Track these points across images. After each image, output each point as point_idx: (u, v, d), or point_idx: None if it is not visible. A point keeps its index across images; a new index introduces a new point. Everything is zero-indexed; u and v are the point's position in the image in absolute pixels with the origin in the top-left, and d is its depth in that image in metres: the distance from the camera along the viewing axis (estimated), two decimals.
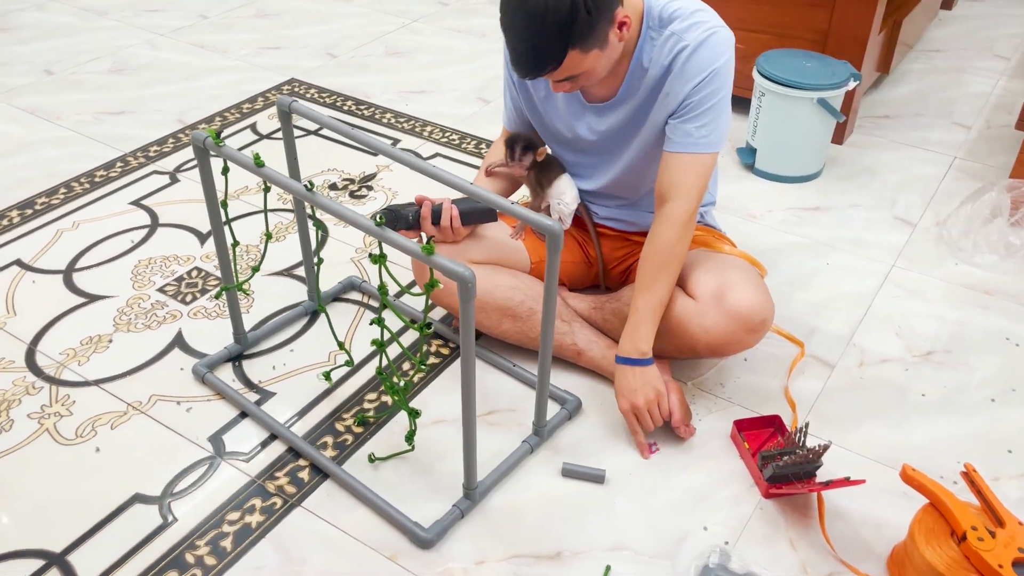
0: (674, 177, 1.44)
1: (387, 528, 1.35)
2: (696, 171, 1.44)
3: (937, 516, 1.23)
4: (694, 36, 1.38)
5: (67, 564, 1.30)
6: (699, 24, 1.39)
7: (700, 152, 1.42)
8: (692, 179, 1.43)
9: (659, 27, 1.40)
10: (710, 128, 1.42)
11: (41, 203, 2.10)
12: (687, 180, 1.43)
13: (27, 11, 3.14)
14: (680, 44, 1.38)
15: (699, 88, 1.39)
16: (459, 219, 1.52)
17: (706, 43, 1.38)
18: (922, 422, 1.54)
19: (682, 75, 1.39)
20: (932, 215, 2.09)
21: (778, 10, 2.29)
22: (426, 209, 1.51)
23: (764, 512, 1.39)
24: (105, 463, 1.45)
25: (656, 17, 1.40)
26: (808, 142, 2.17)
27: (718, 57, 1.39)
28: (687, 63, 1.38)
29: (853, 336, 1.73)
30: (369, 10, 3.20)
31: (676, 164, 1.43)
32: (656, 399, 1.44)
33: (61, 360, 1.65)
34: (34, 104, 2.53)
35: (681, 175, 1.43)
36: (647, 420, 1.44)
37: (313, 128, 2.43)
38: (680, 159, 1.43)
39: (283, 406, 1.56)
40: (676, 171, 1.44)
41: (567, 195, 1.57)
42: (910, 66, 2.81)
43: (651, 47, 1.41)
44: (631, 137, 1.51)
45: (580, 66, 1.32)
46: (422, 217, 1.52)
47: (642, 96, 1.45)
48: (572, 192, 1.58)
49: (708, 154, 1.43)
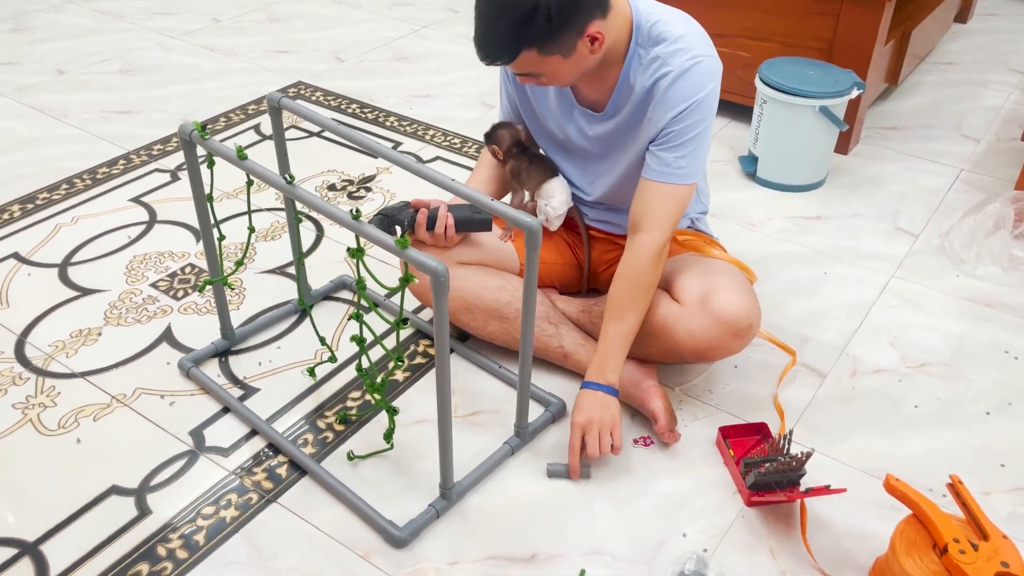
0: (648, 205, 1.42)
1: (362, 526, 1.34)
2: (671, 202, 1.42)
3: (919, 528, 1.20)
4: (678, 63, 1.35)
5: (39, 553, 1.29)
6: (684, 50, 1.35)
7: (677, 183, 1.40)
8: (666, 210, 1.42)
9: (647, 45, 1.38)
10: (689, 160, 1.40)
11: (42, 198, 2.12)
12: (661, 211, 1.41)
13: (45, 12, 3.18)
14: (663, 69, 1.36)
15: (679, 118, 1.37)
16: (453, 227, 1.52)
17: (689, 72, 1.35)
18: (914, 434, 1.51)
19: (663, 103, 1.37)
20: (935, 227, 2.06)
21: (783, 18, 2.27)
22: (422, 216, 1.50)
23: (746, 520, 1.36)
24: (85, 454, 1.45)
25: (645, 34, 1.38)
26: (810, 151, 2.14)
27: (700, 88, 1.36)
28: (668, 91, 1.36)
29: (847, 346, 1.70)
30: (380, 16, 3.21)
31: (652, 192, 1.41)
32: (610, 427, 1.40)
33: (49, 352, 1.66)
34: (43, 102, 2.56)
35: (656, 204, 1.41)
36: (594, 442, 1.39)
37: (316, 130, 2.43)
38: (656, 188, 1.41)
39: (266, 402, 1.56)
40: (651, 200, 1.42)
41: (556, 198, 1.56)
42: (921, 78, 2.78)
43: (638, 65, 1.39)
44: (618, 151, 1.49)
45: (538, 66, 1.31)
46: (417, 223, 1.51)
47: (628, 114, 1.43)
48: (562, 196, 1.56)
49: (684, 185, 1.41)
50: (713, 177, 2.21)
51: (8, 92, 2.61)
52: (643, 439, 1.49)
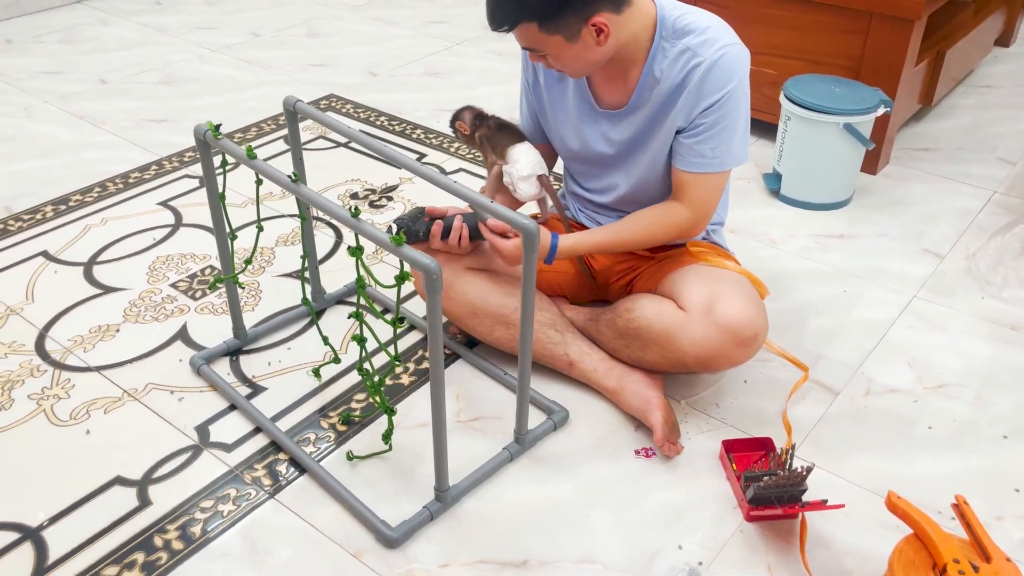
0: (687, 190, 1.46)
1: (356, 525, 1.34)
2: (708, 188, 1.46)
3: (919, 547, 1.17)
4: (709, 53, 1.37)
5: (40, 539, 1.32)
6: (713, 40, 1.37)
7: (712, 172, 1.43)
8: (704, 194, 1.46)
9: (672, 38, 1.39)
10: (723, 149, 1.42)
11: (75, 200, 2.18)
12: (699, 195, 1.46)
13: (92, 26, 3.29)
14: (694, 60, 1.37)
15: (712, 110, 1.39)
16: (468, 237, 1.52)
17: (720, 62, 1.36)
18: (925, 455, 1.47)
19: (697, 94, 1.38)
20: (963, 248, 2.01)
21: (810, 36, 2.25)
22: (437, 228, 1.51)
23: (744, 535, 1.33)
24: (93, 445, 1.48)
25: (669, 27, 1.39)
26: (835, 169, 2.11)
27: (732, 77, 1.37)
28: (703, 82, 1.37)
29: (862, 365, 1.66)
30: (415, 33, 3.26)
31: (688, 181, 1.45)
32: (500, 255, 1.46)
33: (68, 346, 1.70)
34: (84, 110, 2.64)
35: (693, 190, 1.46)
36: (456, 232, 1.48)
37: (343, 141, 2.47)
38: (692, 178, 1.44)
39: (272, 401, 1.57)
40: (688, 186, 1.46)
41: (520, 162, 1.52)
42: (958, 100, 2.73)
43: (663, 58, 1.40)
44: (643, 149, 1.49)
45: (541, 43, 1.34)
46: (432, 235, 1.52)
47: (654, 107, 1.44)
48: (527, 158, 1.53)
49: (720, 173, 1.43)
50: (736, 194, 2.19)
51: (52, 100, 2.70)
52: (644, 450, 1.47)
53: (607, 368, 1.54)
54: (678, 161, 1.45)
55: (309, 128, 2.54)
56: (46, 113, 2.62)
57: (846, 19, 2.18)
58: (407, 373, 1.64)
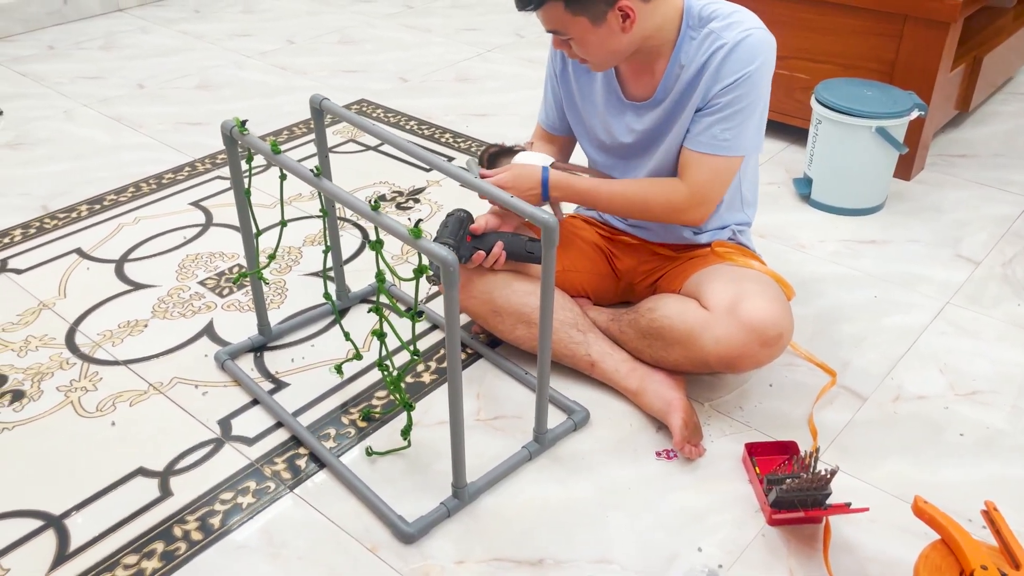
0: (687, 167, 1.44)
1: (373, 520, 1.34)
2: (710, 170, 1.43)
3: (946, 553, 1.13)
4: (732, 35, 1.37)
5: (63, 526, 1.33)
6: (738, 24, 1.38)
7: (718, 154, 1.41)
8: (704, 176, 1.43)
9: (698, 26, 1.40)
10: (735, 132, 1.40)
11: (109, 200, 2.22)
12: (700, 176, 1.43)
13: (132, 33, 3.36)
14: (718, 42, 1.38)
15: (730, 89, 1.38)
16: (503, 262, 1.52)
17: (743, 43, 1.37)
18: (955, 462, 1.43)
19: (717, 73, 1.38)
20: (999, 255, 1.96)
21: (843, 40, 2.23)
22: (478, 257, 1.51)
23: (766, 539, 1.30)
24: (117, 437, 1.50)
25: (696, 16, 1.40)
26: (867, 173, 2.08)
27: (754, 58, 1.37)
28: (724, 62, 1.37)
29: (892, 370, 1.63)
30: (447, 40, 3.28)
31: (692, 160, 1.43)
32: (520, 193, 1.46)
33: (97, 340, 1.72)
34: (122, 113, 2.69)
35: (694, 168, 1.43)
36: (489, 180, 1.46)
37: (373, 144, 2.49)
38: (697, 158, 1.42)
39: (295, 397, 1.58)
40: (692, 166, 1.44)
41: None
42: (997, 107, 2.68)
43: (689, 46, 1.40)
44: (666, 134, 1.49)
45: (566, 26, 1.33)
46: (472, 260, 1.51)
47: (678, 95, 1.44)
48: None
49: (726, 157, 1.41)
50: (766, 199, 2.16)
51: (92, 104, 2.75)
52: (666, 452, 1.45)
53: (629, 369, 1.52)
54: (688, 140, 1.43)
55: (339, 132, 2.56)
56: (85, 116, 2.67)
57: (880, 22, 2.15)
58: (428, 371, 1.64)
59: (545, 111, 1.65)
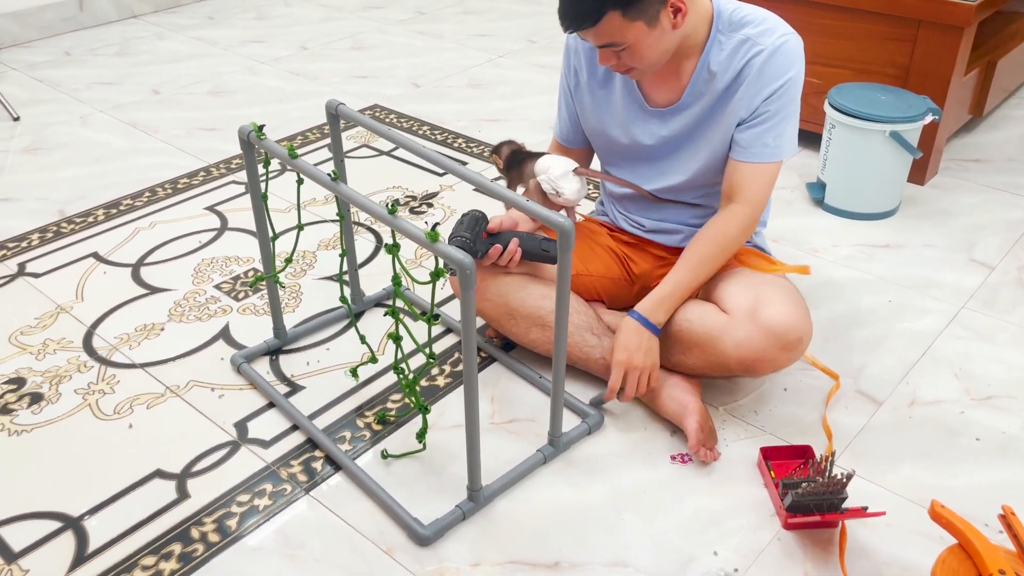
0: (742, 183, 1.44)
1: (388, 522, 1.34)
2: (763, 179, 1.45)
3: (963, 558, 1.13)
4: (769, 42, 1.38)
5: (81, 528, 1.34)
6: (772, 30, 1.39)
7: (767, 162, 1.42)
8: (758, 185, 1.44)
9: (729, 31, 1.40)
10: (781, 138, 1.42)
11: (126, 204, 2.23)
12: (754, 186, 1.44)
13: (147, 39, 3.39)
14: (755, 49, 1.38)
15: (775, 97, 1.39)
16: (518, 260, 1.52)
17: (781, 50, 1.38)
18: (971, 467, 1.43)
19: (758, 81, 1.39)
20: (1014, 259, 1.96)
21: (857, 44, 2.23)
22: (494, 251, 1.51)
23: (782, 543, 1.30)
24: (135, 439, 1.51)
25: (726, 21, 1.40)
26: (881, 178, 2.08)
27: (792, 64, 1.39)
28: (763, 69, 1.38)
29: (907, 375, 1.62)
30: (459, 45, 3.30)
31: (745, 172, 1.44)
32: (650, 369, 1.44)
33: (115, 344, 1.73)
34: (137, 119, 2.71)
35: (749, 182, 1.44)
36: (632, 385, 1.44)
37: (387, 148, 2.50)
38: (750, 168, 1.43)
39: (310, 400, 1.59)
40: (744, 178, 1.44)
41: (552, 167, 1.51)
42: (1011, 112, 2.67)
43: (719, 51, 1.40)
44: (698, 142, 1.49)
45: (622, 34, 1.30)
46: (488, 255, 1.52)
47: (710, 100, 1.44)
48: (556, 161, 1.51)
49: (775, 163, 1.43)
50: (779, 203, 2.17)
51: (107, 110, 2.78)
52: (681, 456, 1.45)
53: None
54: (739, 153, 1.43)
55: (353, 137, 2.57)
56: (101, 122, 2.69)
57: (894, 27, 2.15)
58: (443, 375, 1.64)
59: (560, 126, 1.65)
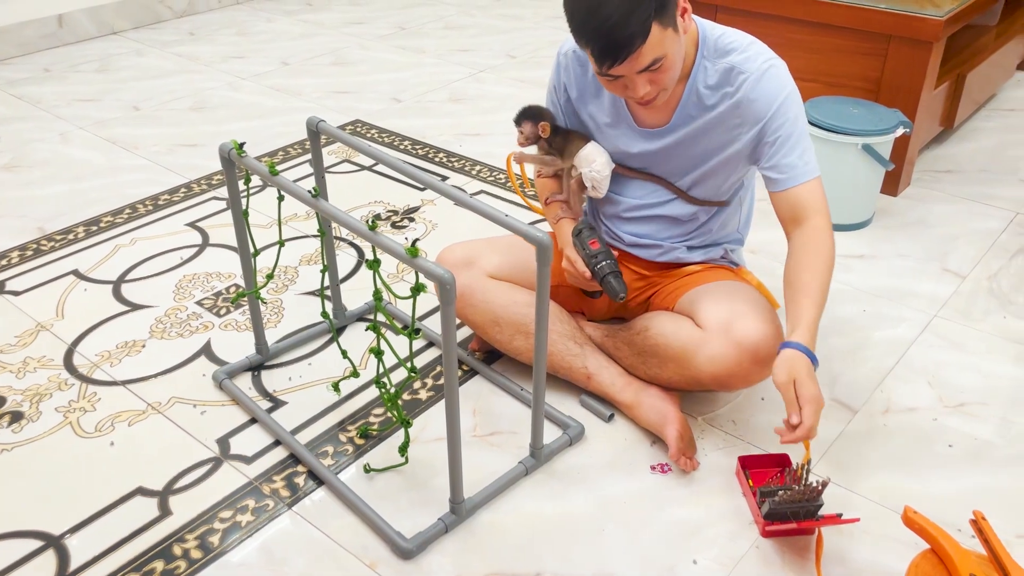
0: (800, 203, 1.41)
1: (371, 536, 1.35)
2: (817, 192, 1.42)
3: (936, 562, 1.16)
4: (755, 67, 1.39)
5: (63, 547, 1.34)
6: (757, 55, 1.40)
7: (810, 179, 1.41)
8: (816, 198, 1.41)
9: (714, 56, 1.41)
10: (808, 153, 1.41)
11: (106, 221, 2.24)
12: (814, 201, 1.41)
13: (128, 56, 3.39)
14: (742, 77, 1.39)
15: (779, 123, 1.39)
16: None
17: (769, 73, 1.39)
18: (945, 473, 1.45)
19: (753, 107, 1.39)
20: (985, 268, 2.00)
21: (829, 59, 2.27)
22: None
23: (760, 551, 1.32)
24: (116, 456, 1.51)
25: (712, 47, 1.41)
26: (854, 190, 2.11)
27: (782, 86, 1.39)
28: (755, 97, 1.38)
29: (882, 383, 1.65)
30: (440, 61, 3.32)
31: (798, 195, 1.41)
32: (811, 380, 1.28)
33: (95, 361, 1.73)
34: (117, 135, 2.71)
35: (806, 199, 1.41)
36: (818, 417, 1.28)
37: (368, 164, 2.52)
38: (796, 191, 1.41)
39: (292, 415, 1.59)
40: (799, 200, 1.41)
41: (597, 161, 1.51)
42: (980, 123, 2.72)
43: (704, 75, 1.42)
44: (688, 162, 1.49)
45: (663, 45, 1.28)
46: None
47: (701, 124, 1.44)
48: (602, 157, 1.52)
49: (817, 178, 1.42)
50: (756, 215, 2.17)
51: (87, 126, 2.78)
52: (660, 466, 1.47)
53: (624, 383, 1.54)
54: (779, 184, 1.41)
55: (334, 152, 2.59)
56: (81, 138, 2.69)
57: (865, 42, 2.20)
58: (425, 388, 1.66)
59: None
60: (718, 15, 2.38)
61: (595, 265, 1.49)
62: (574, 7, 1.29)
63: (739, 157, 1.46)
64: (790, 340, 1.31)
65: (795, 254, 1.41)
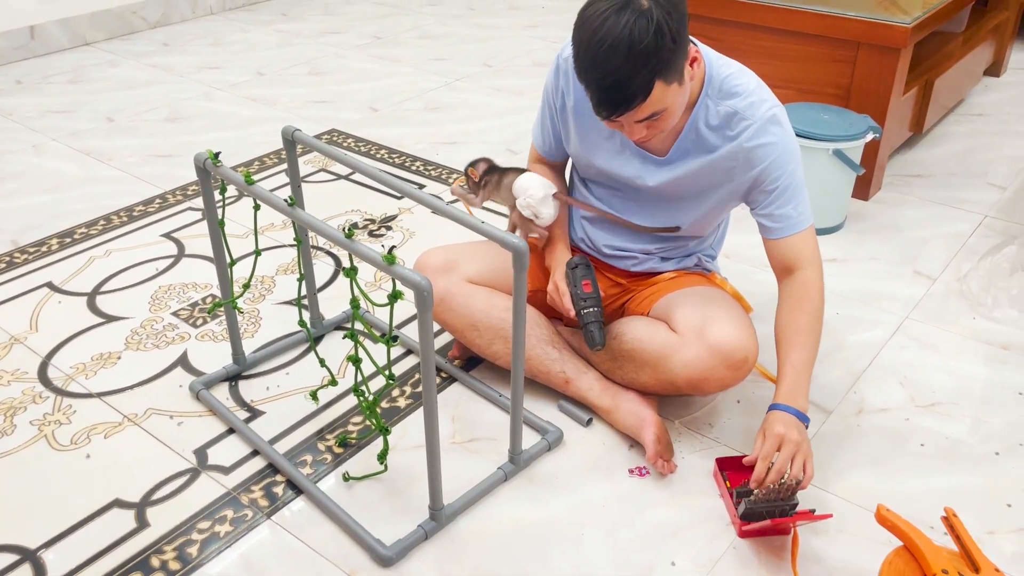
0: (791, 254, 1.44)
1: (351, 545, 1.35)
2: (809, 242, 1.45)
3: (908, 559, 1.17)
4: (758, 115, 1.38)
5: (39, 560, 1.33)
6: (760, 102, 1.39)
7: (803, 229, 1.43)
8: (809, 249, 1.44)
9: (718, 97, 1.40)
10: (802, 204, 1.43)
11: (80, 233, 2.22)
12: (806, 252, 1.44)
13: (101, 67, 3.37)
14: (743, 123, 1.39)
15: (778, 172, 1.40)
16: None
17: (770, 123, 1.38)
18: (917, 472, 1.48)
19: (752, 158, 1.39)
20: (955, 270, 2.03)
21: (800, 65, 2.30)
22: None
23: (737, 551, 1.34)
24: (93, 469, 1.50)
25: (717, 87, 1.40)
26: (826, 195, 2.14)
27: (785, 135, 1.40)
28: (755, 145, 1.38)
29: (855, 384, 1.68)
30: (416, 70, 3.33)
31: (790, 245, 1.44)
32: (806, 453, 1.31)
33: (70, 373, 1.72)
34: (91, 147, 2.69)
35: (800, 250, 1.44)
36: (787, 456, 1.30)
37: (344, 173, 2.52)
38: (789, 241, 1.43)
39: (270, 425, 1.59)
40: (790, 250, 1.44)
41: (530, 188, 1.53)
42: (949, 128, 2.77)
43: (707, 114, 1.41)
44: (680, 197, 1.50)
45: (664, 99, 1.27)
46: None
47: (698, 162, 1.44)
48: (536, 182, 1.53)
49: (810, 227, 1.44)
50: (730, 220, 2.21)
51: (61, 138, 2.76)
52: (638, 469, 1.48)
53: (602, 387, 1.56)
54: (773, 232, 1.44)
55: (310, 161, 2.59)
56: (54, 150, 2.67)
57: (835, 49, 2.23)
58: (404, 396, 1.66)
59: (542, 137, 1.63)
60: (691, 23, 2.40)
61: (581, 309, 1.51)
62: (578, 50, 1.27)
63: (732, 197, 1.47)
64: (777, 403, 1.36)
65: (784, 308, 1.44)
